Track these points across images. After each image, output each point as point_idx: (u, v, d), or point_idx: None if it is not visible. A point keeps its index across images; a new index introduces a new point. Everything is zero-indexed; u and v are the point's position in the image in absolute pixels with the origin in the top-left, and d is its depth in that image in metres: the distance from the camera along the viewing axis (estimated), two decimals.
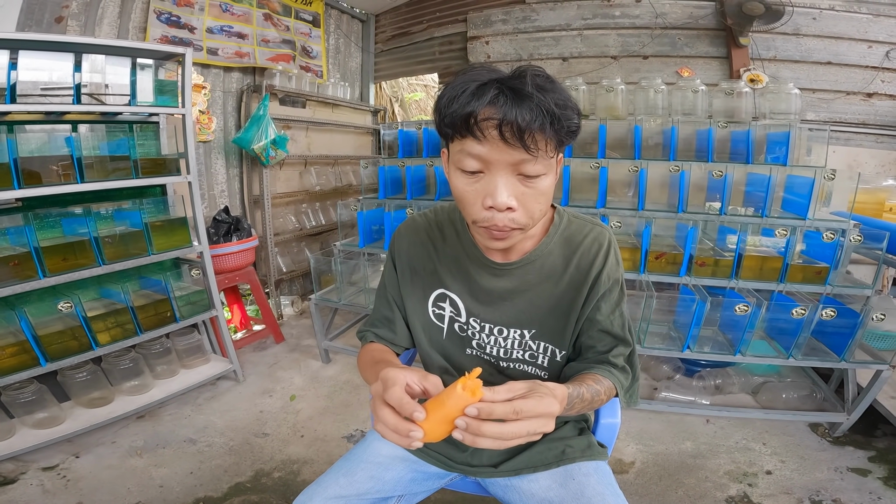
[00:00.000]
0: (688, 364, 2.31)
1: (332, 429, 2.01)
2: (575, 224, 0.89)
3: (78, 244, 1.70)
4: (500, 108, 0.63)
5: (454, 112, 0.66)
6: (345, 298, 2.49)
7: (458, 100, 0.66)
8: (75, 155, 1.58)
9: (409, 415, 0.57)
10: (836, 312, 1.70)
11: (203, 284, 2.12)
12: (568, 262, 0.87)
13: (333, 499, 0.85)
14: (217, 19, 2.83)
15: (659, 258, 1.96)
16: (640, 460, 1.82)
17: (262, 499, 1.63)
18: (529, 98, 0.63)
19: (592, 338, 0.88)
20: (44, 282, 1.61)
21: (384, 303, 0.99)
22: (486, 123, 0.64)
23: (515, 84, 0.65)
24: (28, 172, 1.54)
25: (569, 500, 0.84)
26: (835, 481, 1.69)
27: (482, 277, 0.89)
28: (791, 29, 3.01)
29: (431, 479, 0.99)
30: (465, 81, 0.67)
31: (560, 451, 0.93)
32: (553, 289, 0.87)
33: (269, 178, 3.04)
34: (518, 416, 0.56)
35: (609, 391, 0.82)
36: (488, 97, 0.64)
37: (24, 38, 1.54)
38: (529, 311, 0.88)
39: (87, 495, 1.61)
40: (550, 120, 0.64)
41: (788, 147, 1.94)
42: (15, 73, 1.48)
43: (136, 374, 2.06)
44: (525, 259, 0.87)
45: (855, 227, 1.80)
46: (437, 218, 0.96)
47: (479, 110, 0.64)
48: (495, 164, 0.67)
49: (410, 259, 0.95)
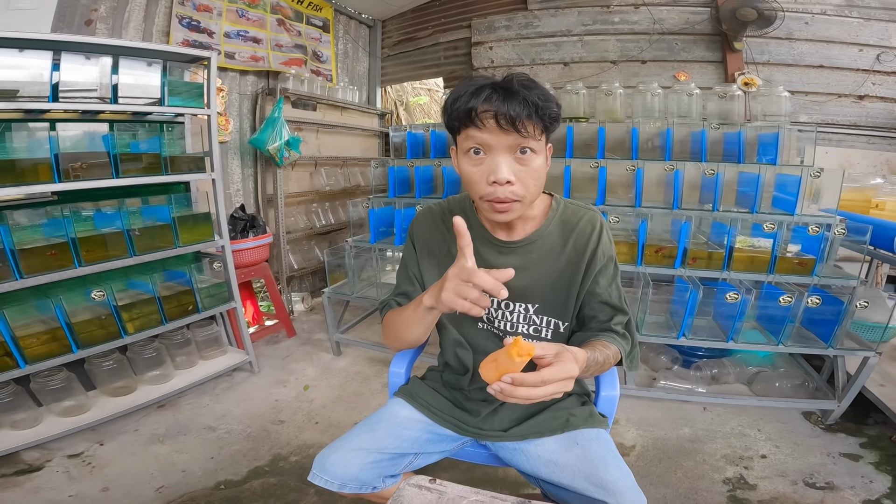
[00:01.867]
0: (685, 355, 2.41)
1: (345, 416, 2.10)
2: (570, 209, 1.02)
3: (111, 236, 1.81)
4: (494, 103, 0.79)
5: (458, 108, 0.83)
6: (357, 292, 2.60)
7: (461, 99, 0.82)
8: (111, 152, 1.70)
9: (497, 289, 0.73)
10: (821, 300, 1.80)
11: (223, 277, 2.23)
12: (566, 242, 0.99)
13: (355, 451, 0.95)
14: (234, 24, 2.95)
15: (658, 252, 2.07)
16: (640, 444, 1.91)
17: (281, 481, 1.71)
18: (517, 94, 0.80)
19: (594, 309, 0.99)
20: (79, 271, 1.71)
21: (405, 279, 1.09)
22: (484, 115, 0.81)
23: (505, 84, 0.81)
24: (67, 168, 1.66)
25: (573, 461, 0.94)
26: (827, 465, 1.76)
27: (490, 255, 1.00)
28: (784, 33, 3.11)
29: (445, 441, 1.09)
30: (465, 86, 0.84)
31: (564, 419, 1.03)
32: (553, 265, 0.99)
33: (282, 178, 3.16)
34: (544, 383, 0.69)
35: (615, 355, 0.93)
36: (484, 95, 0.80)
37: (66, 39, 1.65)
38: (532, 286, 0.99)
39: (112, 481, 1.67)
40: (535, 109, 0.80)
41: (778, 147, 2.05)
42: (57, 74, 1.59)
43: (159, 363, 2.16)
44: (527, 239, 0.99)
45: (841, 221, 1.91)
46: (450, 206, 1.08)
47: (477, 105, 0.80)
48: (494, 147, 0.83)
49: (427, 241, 1.07)
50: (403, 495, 0.77)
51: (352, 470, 0.93)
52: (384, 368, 2.57)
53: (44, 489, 1.62)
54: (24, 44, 1.57)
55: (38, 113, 1.69)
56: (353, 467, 0.93)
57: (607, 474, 0.88)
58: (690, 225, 1.96)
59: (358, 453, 0.95)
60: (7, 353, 1.65)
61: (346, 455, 0.94)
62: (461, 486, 0.79)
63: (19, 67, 1.57)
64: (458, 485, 0.79)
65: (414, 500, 0.75)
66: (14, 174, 1.57)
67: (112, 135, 1.70)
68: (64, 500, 1.57)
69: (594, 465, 0.91)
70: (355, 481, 0.93)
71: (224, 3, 2.89)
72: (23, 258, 1.61)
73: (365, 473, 0.94)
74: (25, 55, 1.55)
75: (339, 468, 0.93)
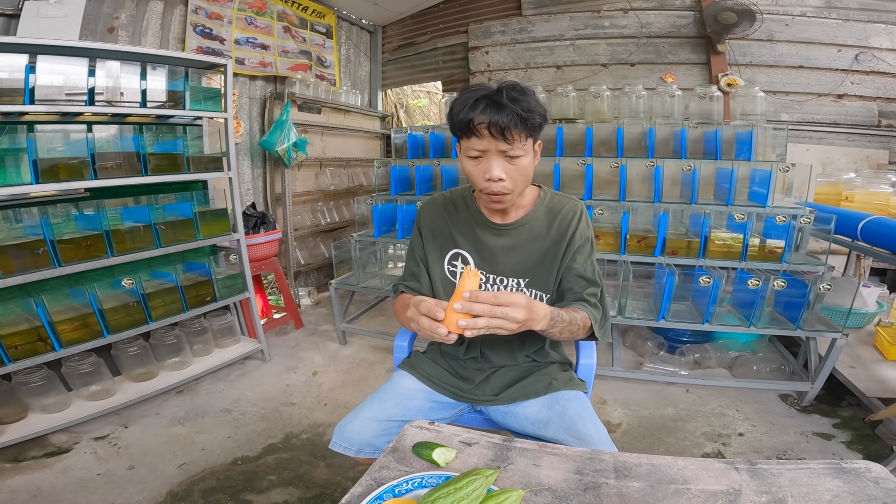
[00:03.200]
0: (670, 341, 2.56)
1: (352, 398, 2.26)
2: (556, 198, 1.20)
3: (140, 229, 1.98)
4: (488, 115, 0.95)
5: (461, 120, 0.98)
6: (362, 282, 2.76)
7: (462, 112, 0.97)
8: (141, 152, 1.87)
9: (433, 316, 0.88)
10: (786, 283, 1.96)
11: (238, 269, 2.40)
12: (550, 226, 1.16)
13: (368, 420, 1.09)
14: (243, 31, 3.13)
15: (640, 242, 2.23)
16: (626, 422, 2.05)
17: (293, 456, 1.84)
18: (505, 107, 0.94)
19: (570, 281, 1.15)
20: (112, 260, 1.88)
21: (413, 261, 1.26)
22: (479, 126, 0.96)
23: (496, 98, 0.96)
24: (102, 166, 1.82)
25: (554, 419, 1.10)
26: (801, 443, 1.88)
27: (486, 237, 1.17)
28: (765, 35, 3.26)
29: (445, 408, 1.24)
30: (465, 98, 0.98)
31: (547, 383, 1.19)
32: (540, 245, 1.15)
33: (290, 177, 3.33)
34: (496, 301, 0.85)
35: (584, 320, 1.08)
36: (480, 108, 0.95)
37: (101, 47, 1.82)
38: (523, 263, 1.16)
39: (137, 460, 1.79)
40: (520, 120, 0.95)
41: (752, 145, 2.20)
42: (93, 79, 1.76)
43: (178, 350, 2.32)
44: (518, 222, 1.16)
45: (810, 213, 2.06)
46: (452, 196, 1.25)
47: (475, 118, 0.96)
48: (489, 151, 1.00)
49: (432, 226, 1.23)
50: (407, 434, 0.93)
51: (366, 437, 1.07)
52: (388, 355, 2.73)
53: (73, 469, 1.73)
54: (66, 51, 1.74)
55: (74, 115, 1.86)
56: (366, 434, 1.07)
57: (584, 428, 1.03)
58: (668, 216, 2.12)
59: (370, 422, 1.09)
60: (43, 338, 1.81)
61: (361, 424, 1.08)
62: (455, 426, 0.95)
63: (59, 73, 1.73)
64: (452, 426, 0.95)
65: (416, 437, 0.91)
66: (56, 172, 1.74)
67: (141, 136, 1.87)
68: (93, 479, 1.68)
69: (573, 421, 1.05)
70: (369, 447, 1.07)
71: (234, 12, 3.06)
72: (61, 248, 1.78)
73: (377, 439, 1.08)
74: (66, 62, 1.72)
75: (355, 435, 1.06)
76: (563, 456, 0.84)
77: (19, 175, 1.67)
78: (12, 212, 1.79)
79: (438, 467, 0.80)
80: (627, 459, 0.82)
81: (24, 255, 1.72)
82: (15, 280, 1.70)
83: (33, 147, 1.67)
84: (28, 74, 1.64)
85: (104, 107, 1.81)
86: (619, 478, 0.77)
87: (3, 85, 1.63)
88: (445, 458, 0.81)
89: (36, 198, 1.89)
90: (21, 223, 1.78)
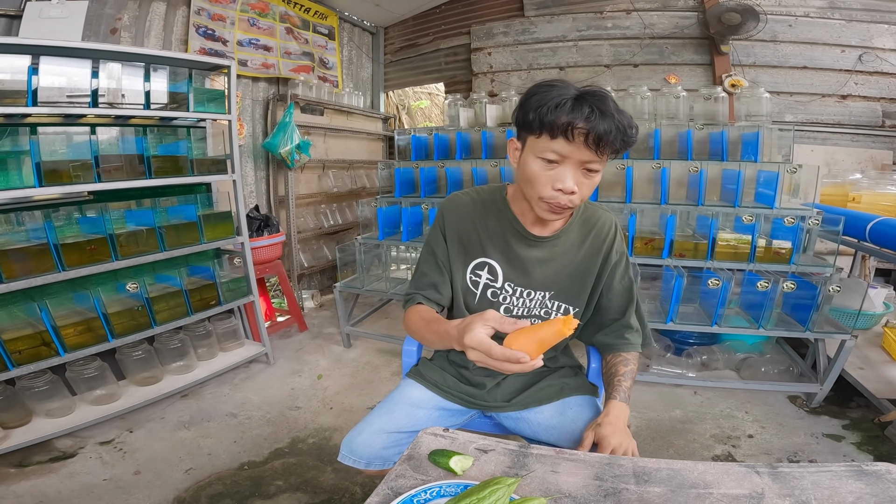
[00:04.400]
0: (677, 343, 2.55)
1: (358, 401, 2.24)
2: (589, 210, 1.13)
3: (144, 232, 1.97)
4: (591, 122, 0.82)
5: (556, 118, 0.83)
6: (366, 285, 2.75)
7: (559, 110, 0.83)
8: (145, 154, 1.86)
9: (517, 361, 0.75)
10: (795, 285, 1.95)
11: (242, 272, 2.38)
12: (584, 239, 1.11)
13: (377, 432, 1.06)
14: (246, 33, 3.12)
15: (647, 244, 2.22)
16: (634, 425, 2.02)
17: (300, 461, 1.83)
18: (612, 117, 0.83)
19: (609, 300, 1.13)
20: (116, 264, 1.87)
21: (433, 268, 1.12)
22: (577, 131, 0.83)
23: (601, 105, 0.83)
24: (105, 169, 1.81)
25: (566, 424, 1.09)
26: (811, 445, 1.87)
27: (520, 248, 1.08)
28: (769, 36, 3.25)
29: (455, 415, 1.22)
30: (561, 94, 0.85)
31: (559, 388, 1.17)
32: (572, 259, 1.10)
33: (293, 180, 3.32)
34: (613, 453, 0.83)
35: (635, 358, 1.11)
36: (584, 112, 0.82)
37: (100, 48, 1.79)
38: (553, 276, 1.09)
39: (143, 464, 1.77)
40: (622, 135, 0.85)
41: (758, 146, 2.19)
42: (96, 81, 1.74)
43: (183, 354, 2.30)
44: (554, 235, 1.08)
45: (818, 214, 2.05)
46: (480, 197, 1.12)
47: (577, 122, 0.83)
48: (571, 159, 0.87)
49: (458, 229, 1.10)
50: (421, 441, 0.91)
51: (375, 449, 1.04)
52: (393, 359, 2.71)
53: (79, 474, 1.71)
54: (69, 52, 1.73)
55: (77, 117, 1.85)
56: (375, 447, 1.04)
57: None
58: (675, 218, 2.11)
59: (379, 434, 1.06)
60: (47, 343, 1.80)
61: (369, 437, 1.05)
62: (470, 433, 0.93)
63: (62, 75, 1.72)
64: (467, 433, 0.94)
65: (431, 445, 0.90)
66: (59, 175, 1.73)
67: (145, 138, 1.86)
68: (99, 484, 1.66)
69: (584, 427, 1.04)
70: (378, 459, 1.05)
71: (236, 13, 3.06)
72: (64, 252, 1.76)
73: (387, 451, 1.05)
74: (69, 64, 1.70)
75: (364, 448, 1.04)
76: (581, 462, 0.83)
77: (22, 178, 1.65)
78: (15, 215, 1.78)
79: (455, 475, 0.79)
80: (646, 464, 0.81)
81: (27, 259, 1.70)
82: (19, 284, 1.68)
83: (36, 149, 1.66)
84: (31, 76, 1.63)
85: (108, 108, 1.79)
86: (639, 483, 0.76)
87: (6, 86, 1.62)
88: (462, 465, 0.80)
89: (39, 201, 1.87)
90: (24, 226, 1.76)
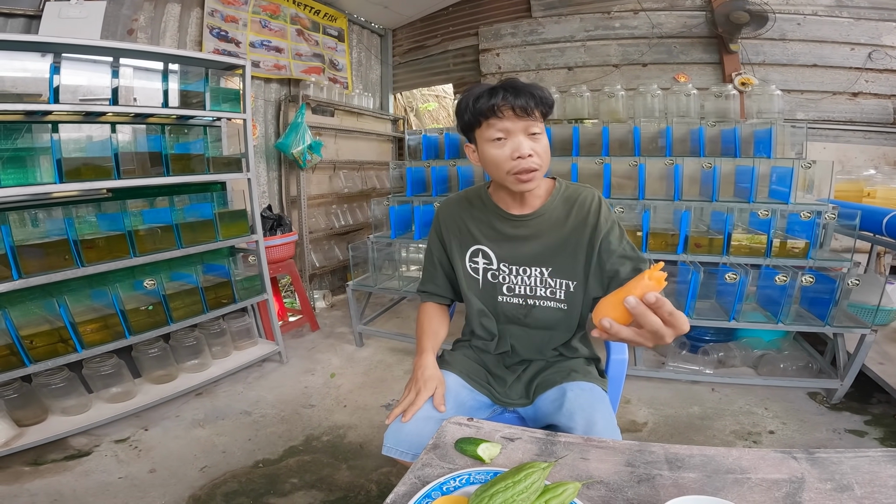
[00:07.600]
0: (693, 340, 2.53)
1: (371, 399, 2.24)
2: (571, 188, 1.20)
3: (161, 229, 1.98)
4: (509, 99, 1.02)
5: (481, 106, 1.04)
6: (378, 284, 2.76)
7: (481, 99, 1.04)
8: (164, 152, 1.88)
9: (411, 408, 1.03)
10: (814, 279, 1.94)
11: (256, 271, 2.39)
12: (568, 214, 1.15)
13: (425, 419, 1.03)
14: (258, 34, 3.16)
15: (661, 240, 2.21)
16: (652, 421, 2.02)
17: (314, 458, 1.83)
18: (523, 90, 1.03)
19: (614, 263, 1.11)
20: (134, 260, 1.88)
21: (431, 263, 1.30)
22: (503, 107, 1.02)
23: (512, 83, 1.05)
24: (125, 166, 1.83)
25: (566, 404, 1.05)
26: (833, 440, 1.84)
27: (505, 228, 1.18)
28: (777, 34, 3.25)
29: (484, 408, 1.22)
30: (479, 90, 1.06)
31: (567, 373, 1.17)
32: (559, 233, 1.15)
33: (305, 180, 3.34)
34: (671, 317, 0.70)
35: None
36: (500, 94, 1.03)
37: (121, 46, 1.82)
38: (543, 252, 1.15)
39: (158, 462, 1.77)
40: (539, 99, 1.03)
41: (771, 142, 2.19)
42: (116, 80, 1.77)
43: (198, 352, 2.32)
44: (536, 213, 1.16)
45: (834, 209, 2.04)
46: (467, 195, 1.28)
47: (497, 102, 1.02)
48: (513, 130, 1.05)
49: (451, 225, 1.25)
50: (446, 430, 0.91)
51: (424, 438, 0.98)
52: (405, 357, 2.71)
53: (94, 472, 1.71)
54: (90, 51, 1.76)
55: (96, 115, 1.87)
56: (425, 435, 0.99)
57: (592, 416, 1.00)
58: (690, 214, 2.10)
59: (428, 421, 1.03)
60: (64, 339, 1.81)
61: (418, 424, 1.02)
62: (494, 422, 0.93)
63: (82, 73, 1.74)
64: (491, 422, 0.93)
65: (455, 434, 0.89)
66: (80, 172, 1.74)
67: (163, 136, 1.88)
68: (114, 482, 1.66)
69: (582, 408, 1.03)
70: None
71: (248, 15, 3.09)
72: (84, 248, 1.78)
73: None
74: (90, 62, 1.73)
75: (413, 437, 1.00)
76: (610, 449, 0.82)
77: (43, 174, 1.67)
78: (36, 212, 1.79)
79: (483, 463, 0.78)
80: (678, 451, 0.80)
81: (47, 255, 1.72)
82: (38, 280, 1.70)
83: (57, 147, 1.68)
84: (52, 74, 1.66)
85: (128, 106, 1.81)
86: (672, 469, 0.75)
87: (28, 84, 1.64)
88: (490, 453, 0.79)
89: (58, 198, 1.89)
90: (44, 223, 1.78)
